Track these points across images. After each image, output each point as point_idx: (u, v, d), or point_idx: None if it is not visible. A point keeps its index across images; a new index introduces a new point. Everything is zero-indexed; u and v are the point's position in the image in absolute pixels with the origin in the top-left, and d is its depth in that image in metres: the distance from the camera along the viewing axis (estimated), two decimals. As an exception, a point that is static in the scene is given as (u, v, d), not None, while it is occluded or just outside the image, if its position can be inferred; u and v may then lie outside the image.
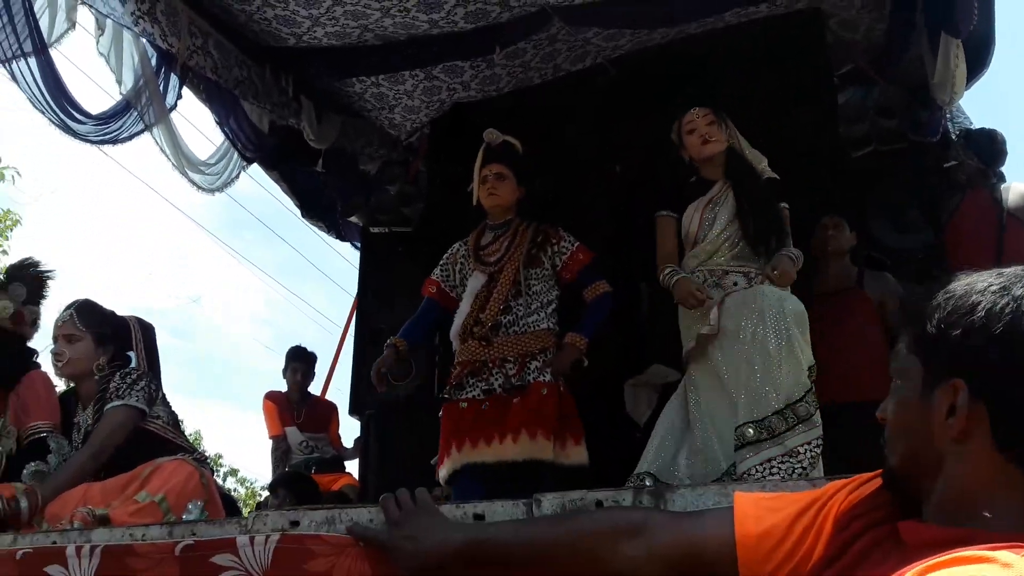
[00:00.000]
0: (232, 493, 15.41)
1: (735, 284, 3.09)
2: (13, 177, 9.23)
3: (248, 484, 15.01)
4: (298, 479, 4.98)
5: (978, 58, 3.57)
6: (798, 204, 4.03)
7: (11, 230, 9.81)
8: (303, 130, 4.52)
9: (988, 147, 4.28)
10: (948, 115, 4.23)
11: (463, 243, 3.54)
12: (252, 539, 1.49)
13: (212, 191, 4.30)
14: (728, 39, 4.29)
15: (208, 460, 3.13)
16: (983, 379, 0.89)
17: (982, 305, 0.90)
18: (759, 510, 1.08)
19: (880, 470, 1.03)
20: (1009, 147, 4.35)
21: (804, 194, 4.07)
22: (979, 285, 0.92)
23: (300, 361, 5.66)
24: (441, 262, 3.58)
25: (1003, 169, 4.39)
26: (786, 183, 3.96)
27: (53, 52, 3.47)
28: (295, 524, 1.54)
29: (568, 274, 3.39)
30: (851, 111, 4.45)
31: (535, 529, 1.33)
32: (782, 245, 3.13)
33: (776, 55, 4.29)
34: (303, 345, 5.74)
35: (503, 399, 3.22)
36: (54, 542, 1.67)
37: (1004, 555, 0.70)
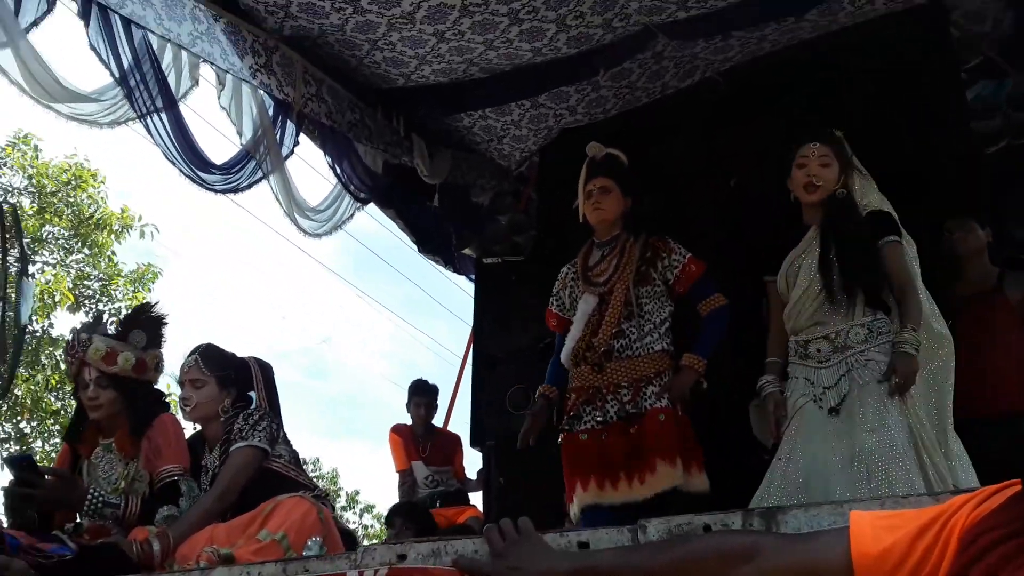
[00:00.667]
0: (369, 529, 15.79)
1: (818, 351, 2.86)
2: (152, 233, 9.80)
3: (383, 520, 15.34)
4: (413, 509, 5.01)
5: None
6: (929, 206, 3.82)
7: (152, 283, 10.41)
8: (416, 167, 4.61)
9: None
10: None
11: (571, 265, 3.46)
12: (362, 573, 1.49)
13: (319, 236, 4.43)
14: (844, 40, 4.12)
15: (328, 496, 3.18)
16: None
17: None
18: (877, 529, 0.99)
19: (1011, 480, 0.92)
20: None
21: (935, 196, 3.86)
22: None
23: (422, 395, 5.71)
24: (554, 291, 3.51)
25: None
26: (914, 187, 3.76)
27: (181, 107, 3.69)
28: (402, 558, 1.53)
29: (681, 287, 3.24)
30: (982, 106, 4.18)
31: (642, 555, 1.27)
32: (879, 289, 2.84)
33: (897, 53, 4.08)
34: (424, 378, 5.80)
35: (620, 427, 3.11)
36: (178, 581, 1.72)
37: None
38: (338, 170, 4.35)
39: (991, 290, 3.52)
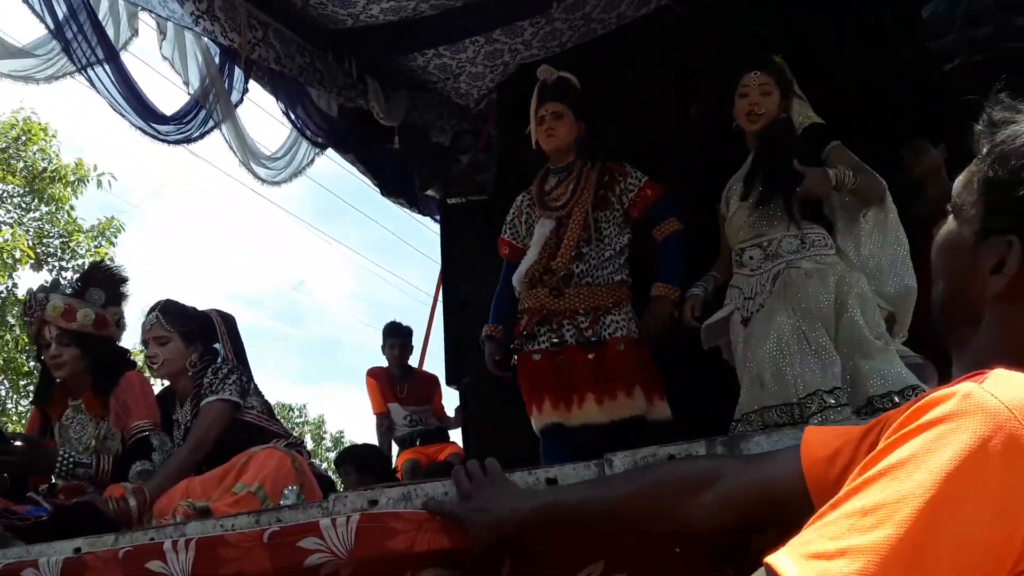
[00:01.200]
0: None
1: (751, 259, 2.87)
2: (110, 182, 9.62)
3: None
4: (364, 453, 5.06)
5: None
6: (890, 128, 3.83)
7: (116, 236, 10.26)
8: (372, 109, 4.53)
9: None
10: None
11: (526, 193, 3.41)
12: (334, 520, 1.51)
13: (276, 183, 4.37)
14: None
15: (303, 444, 3.20)
16: None
17: None
18: (826, 435, 1.01)
19: None
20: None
21: (895, 117, 3.87)
22: None
23: (396, 336, 5.73)
24: (507, 219, 3.47)
25: None
26: (873, 110, 3.76)
27: (125, 57, 3.58)
28: (374, 503, 1.55)
29: (636, 211, 3.19)
30: (937, 23, 4.16)
31: (606, 488, 1.30)
32: (790, 191, 2.83)
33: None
34: (397, 320, 5.83)
35: (576, 353, 3.07)
36: (152, 539, 1.73)
37: (965, 385, 0.69)
38: (292, 116, 4.28)
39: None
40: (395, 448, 5.73)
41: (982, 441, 0.64)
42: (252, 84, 4.11)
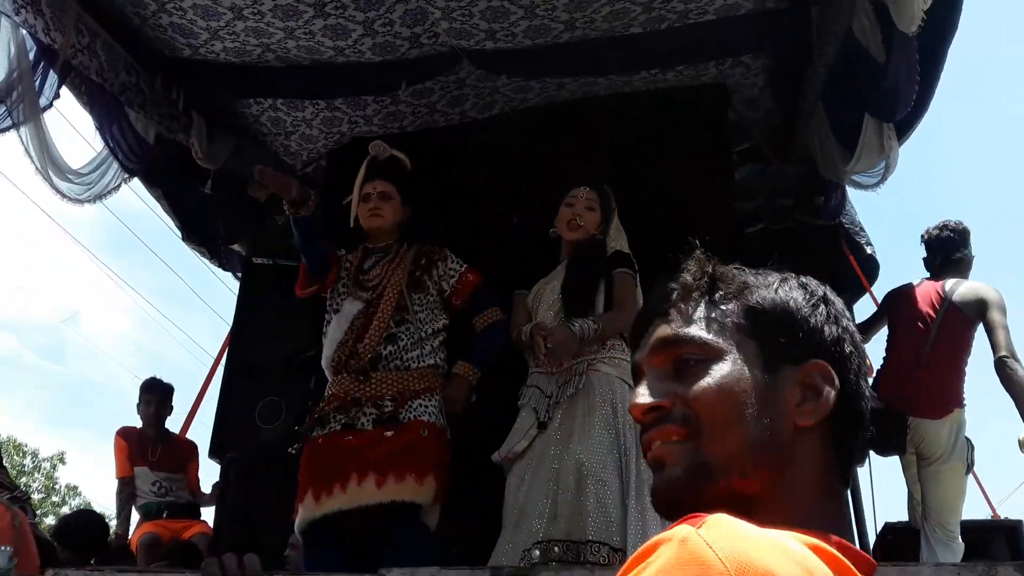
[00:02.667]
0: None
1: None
2: None
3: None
4: (83, 529, 4.48)
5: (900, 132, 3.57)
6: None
7: None
8: (192, 147, 4.26)
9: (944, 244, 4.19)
10: (842, 201, 4.33)
11: (349, 258, 3.29)
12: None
13: (80, 202, 3.96)
14: (636, 103, 4.32)
15: (29, 499, 2.78)
16: (841, 369, 0.84)
17: (820, 297, 0.88)
18: None
19: None
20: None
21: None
22: (795, 280, 0.91)
23: (153, 392, 5.26)
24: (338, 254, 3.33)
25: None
26: (677, 254, 3.97)
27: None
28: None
29: (458, 298, 3.14)
30: (746, 188, 4.53)
31: None
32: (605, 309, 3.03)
33: (680, 125, 4.34)
34: (158, 377, 5.36)
35: (371, 435, 2.88)
36: None
37: (681, 529, 0.65)
38: (107, 135, 3.93)
39: None
40: (135, 518, 5.18)
41: None
42: (66, 93, 3.74)
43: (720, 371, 0.83)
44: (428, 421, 2.91)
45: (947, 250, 4.14)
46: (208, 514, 5.22)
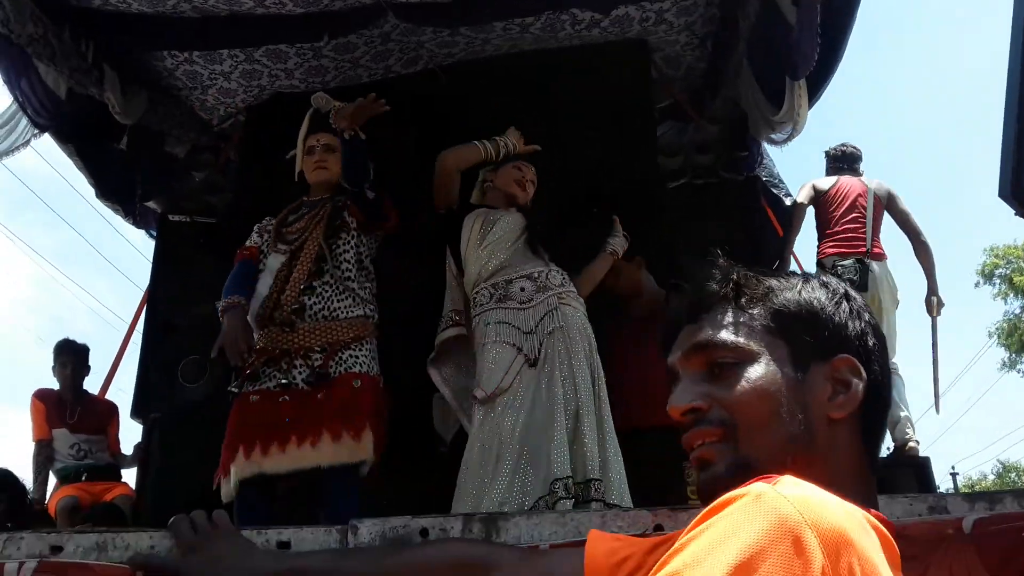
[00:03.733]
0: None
1: (522, 290, 3.00)
2: None
3: None
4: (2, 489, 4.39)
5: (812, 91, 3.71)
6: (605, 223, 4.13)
7: None
8: (107, 101, 4.07)
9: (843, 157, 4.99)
10: (760, 155, 4.46)
11: (270, 219, 3.24)
12: (2, 567, 1.25)
13: (-12, 157, 3.77)
14: (560, 59, 4.33)
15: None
16: (866, 361, 0.90)
17: (842, 294, 0.93)
18: (612, 544, 1.01)
19: None
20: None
21: (622, 220, 4.19)
22: (816, 280, 0.95)
23: (68, 354, 5.10)
24: (255, 229, 3.24)
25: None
26: (606, 213, 4.05)
27: None
28: (57, 550, 1.31)
29: (356, 217, 3.11)
30: (668, 144, 4.61)
31: (359, 562, 1.18)
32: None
33: (603, 81, 4.37)
34: (72, 338, 5.20)
35: (305, 394, 2.84)
36: None
37: (757, 486, 0.70)
38: (15, 89, 3.72)
39: (655, 312, 3.84)
40: (52, 481, 5.05)
41: (770, 541, 0.65)
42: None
43: (754, 373, 0.88)
44: (360, 372, 2.89)
45: (853, 160, 4.94)
46: (129, 476, 5.14)
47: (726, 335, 0.90)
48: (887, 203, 4.78)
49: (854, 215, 4.70)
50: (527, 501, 2.63)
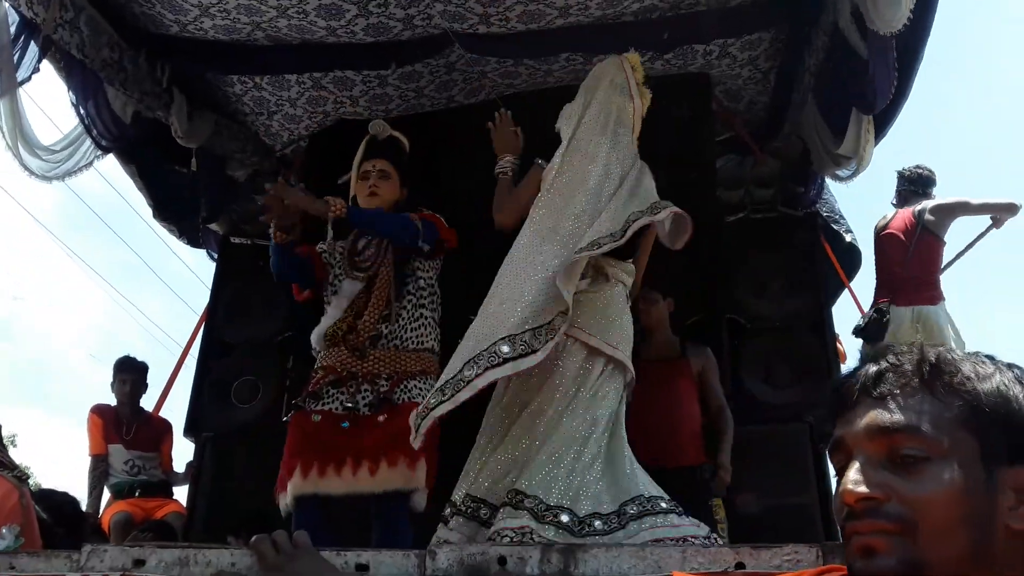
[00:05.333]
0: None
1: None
2: None
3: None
4: (62, 507, 4.38)
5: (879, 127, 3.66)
6: (673, 261, 4.11)
7: None
8: (171, 125, 4.17)
9: (919, 180, 4.83)
10: (820, 190, 4.41)
11: (337, 244, 3.23)
12: (84, 578, 1.26)
13: (48, 179, 3.87)
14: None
15: (27, 478, 2.74)
16: None
17: None
18: None
19: (831, 566, 0.92)
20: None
21: (679, 254, 4.16)
22: (1012, 372, 0.87)
23: (129, 371, 5.20)
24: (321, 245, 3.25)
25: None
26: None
27: None
28: (140, 563, 1.32)
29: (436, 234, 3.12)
30: (728, 178, 4.58)
31: None
32: None
33: (665, 114, 4.37)
34: (132, 355, 5.31)
35: (367, 419, 2.88)
36: None
37: None
38: (82, 111, 3.83)
39: (676, 357, 3.81)
40: (106, 496, 5.12)
41: None
42: (46, 67, 3.63)
43: (942, 475, 0.82)
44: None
45: (926, 184, 4.78)
46: (180, 493, 5.20)
47: (916, 424, 0.84)
48: (939, 221, 4.54)
49: (896, 256, 4.55)
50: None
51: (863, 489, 0.84)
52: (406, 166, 3.28)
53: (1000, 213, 4.49)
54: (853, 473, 0.85)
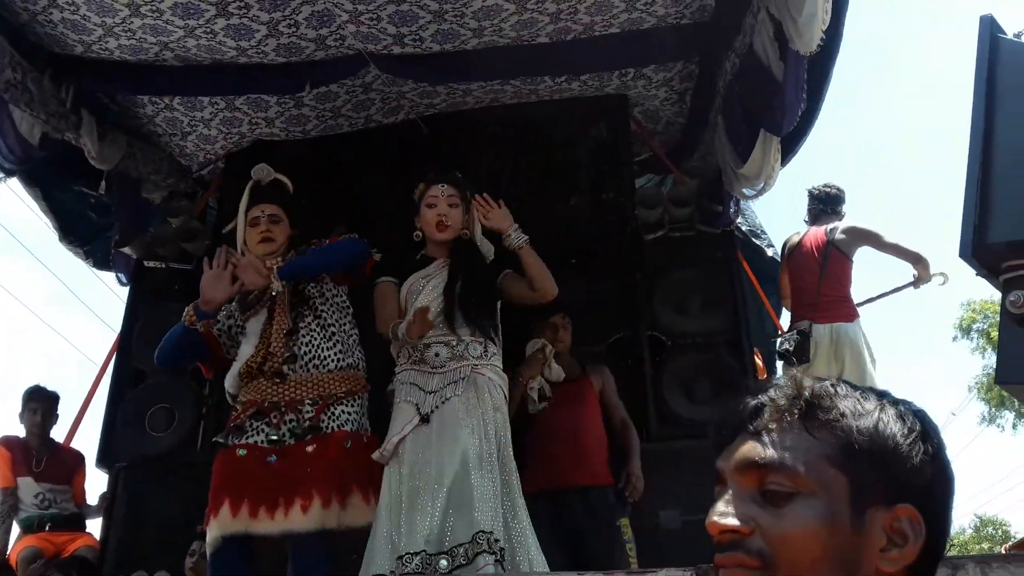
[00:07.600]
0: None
1: (436, 355, 2.92)
2: None
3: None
4: None
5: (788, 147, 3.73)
6: (594, 283, 4.15)
7: None
8: (83, 146, 4.05)
9: (827, 199, 4.82)
10: (737, 208, 4.49)
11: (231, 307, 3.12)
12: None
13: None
14: (540, 111, 4.38)
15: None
16: (929, 514, 0.82)
17: (919, 433, 0.84)
18: None
19: None
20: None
21: (599, 273, 4.21)
22: (894, 409, 0.86)
23: (39, 400, 4.97)
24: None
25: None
26: (584, 262, 4.07)
27: None
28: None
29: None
30: (647, 197, 4.64)
31: None
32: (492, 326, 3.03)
33: (583, 134, 4.43)
34: (42, 384, 5.10)
35: (294, 450, 2.78)
36: None
37: None
38: (-14, 133, 3.70)
39: (578, 376, 3.83)
40: (15, 531, 4.90)
41: None
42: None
43: (808, 514, 0.80)
44: (351, 431, 2.85)
45: (835, 203, 4.77)
46: (94, 526, 5.00)
47: (786, 460, 0.82)
48: (849, 242, 4.52)
49: (809, 274, 4.54)
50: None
51: (728, 521, 0.83)
52: (293, 206, 3.19)
53: (910, 262, 4.42)
54: (721, 504, 0.85)
